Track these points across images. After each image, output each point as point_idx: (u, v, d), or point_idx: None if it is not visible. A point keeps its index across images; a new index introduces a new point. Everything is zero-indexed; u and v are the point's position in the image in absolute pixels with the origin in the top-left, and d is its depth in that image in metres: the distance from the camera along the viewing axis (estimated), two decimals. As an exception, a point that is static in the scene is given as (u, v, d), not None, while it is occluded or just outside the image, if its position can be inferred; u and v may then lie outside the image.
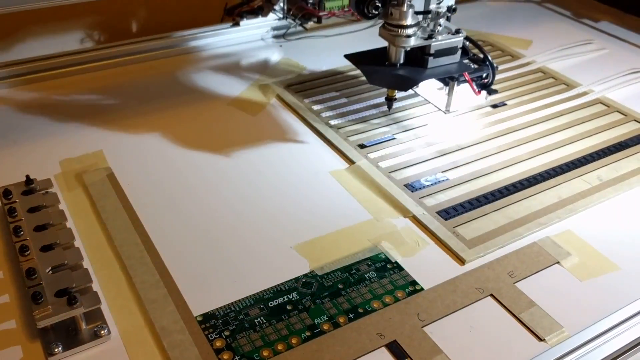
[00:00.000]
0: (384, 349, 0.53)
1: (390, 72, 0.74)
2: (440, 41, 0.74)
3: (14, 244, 0.57)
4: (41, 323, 0.49)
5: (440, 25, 0.74)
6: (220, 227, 0.65)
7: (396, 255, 0.62)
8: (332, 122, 0.83)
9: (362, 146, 0.78)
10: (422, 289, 0.58)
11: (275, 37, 1.06)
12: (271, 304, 0.56)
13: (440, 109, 0.81)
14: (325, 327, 0.54)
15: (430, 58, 0.74)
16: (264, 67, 0.97)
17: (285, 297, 0.57)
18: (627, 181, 0.73)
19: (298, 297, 0.57)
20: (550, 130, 0.83)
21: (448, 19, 0.77)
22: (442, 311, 0.56)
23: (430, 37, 0.74)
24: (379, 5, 0.71)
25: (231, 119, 0.83)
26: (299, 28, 1.08)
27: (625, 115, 0.87)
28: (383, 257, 0.61)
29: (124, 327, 0.54)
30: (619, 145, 0.80)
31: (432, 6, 0.75)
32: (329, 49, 1.03)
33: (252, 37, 1.05)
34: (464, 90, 0.80)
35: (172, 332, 0.53)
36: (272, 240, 0.63)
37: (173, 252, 0.61)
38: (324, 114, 0.84)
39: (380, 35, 0.74)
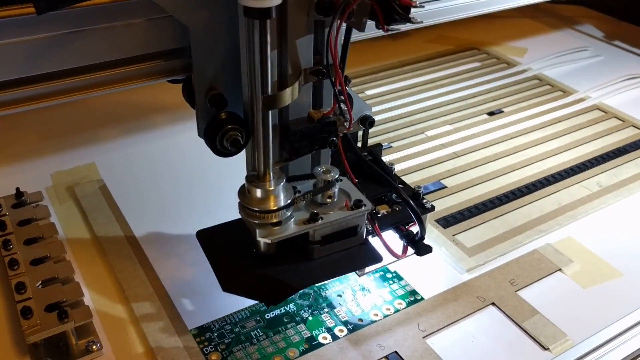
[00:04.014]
0: (384, 361, 0.51)
1: (256, 274, 0.49)
2: (333, 221, 0.48)
3: (2, 258, 0.55)
4: (30, 338, 0.48)
5: (333, 194, 0.49)
6: (215, 239, 0.63)
7: (396, 265, 0.60)
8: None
9: (358, 155, 0.77)
10: (422, 298, 0.57)
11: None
12: (268, 316, 0.55)
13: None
14: (324, 339, 0.53)
15: (318, 246, 0.50)
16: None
17: (282, 308, 0.55)
18: (627, 187, 0.72)
19: (295, 309, 0.55)
20: (548, 137, 0.82)
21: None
22: (443, 321, 0.55)
23: (314, 217, 0.48)
24: (240, 140, 0.47)
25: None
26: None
27: (623, 121, 0.86)
28: (382, 267, 0.60)
29: (117, 342, 0.52)
30: (618, 151, 0.79)
31: (319, 169, 0.49)
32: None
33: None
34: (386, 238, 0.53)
35: (166, 346, 0.51)
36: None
37: (167, 264, 0.60)
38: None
39: (240, 215, 0.48)
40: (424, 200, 0.55)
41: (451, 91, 0.93)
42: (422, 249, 0.52)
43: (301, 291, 0.57)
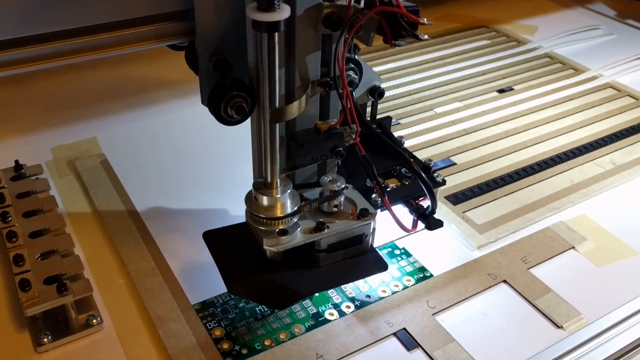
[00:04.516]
0: (392, 338, 0.50)
1: (262, 279, 0.49)
2: (339, 230, 0.48)
3: (0, 231, 0.54)
4: (29, 311, 0.46)
5: (339, 203, 0.48)
6: (219, 214, 0.62)
7: (404, 242, 0.59)
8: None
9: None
10: (431, 275, 0.55)
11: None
12: (273, 291, 0.53)
13: None
14: (330, 315, 0.51)
15: (324, 254, 0.49)
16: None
17: (287, 284, 0.54)
18: (642, 165, 0.71)
19: (301, 285, 0.54)
20: (560, 114, 0.80)
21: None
22: (454, 298, 0.53)
23: (320, 226, 0.47)
24: (245, 108, 0.44)
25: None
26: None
27: (637, 100, 0.84)
28: (390, 243, 0.58)
29: (117, 317, 0.51)
30: (632, 129, 0.77)
31: (325, 179, 0.48)
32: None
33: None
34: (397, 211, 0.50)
35: (168, 321, 0.50)
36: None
37: (169, 238, 0.58)
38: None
39: (247, 222, 0.48)
40: (435, 174, 0.53)
41: (460, 68, 0.91)
42: (433, 223, 0.50)
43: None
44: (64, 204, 0.62)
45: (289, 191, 0.46)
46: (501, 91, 0.86)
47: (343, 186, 0.48)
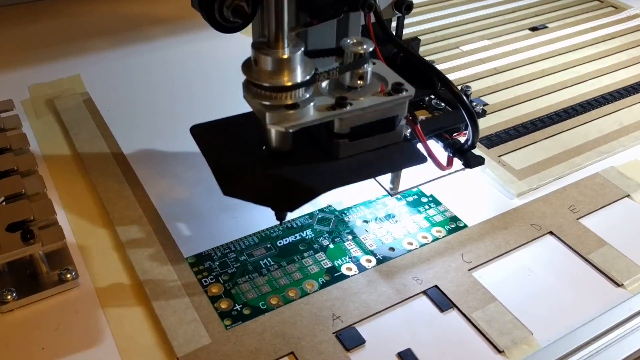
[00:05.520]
0: (422, 297, 0.42)
1: (266, 176, 0.39)
2: (365, 108, 0.37)
3: (-41, 171, 0.46)
4: (-13, 263, 0.39)
5: (365, 74, 0.38)
6: (217, 157, 0.54)
7: (431, 187, 0.50)
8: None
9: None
10: (465, 226, 0.47)
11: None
12: (280, 243, 0.45)
13: (384, 187, 0.46)
14: (348, 270, 0.43)
15: (345, 141, 0.39)
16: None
17: (297, 235, 0.46)
18: (700, 106, 0.62)
19: (313, 235, 0.46)
20: (601, 54, 0.72)
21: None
22: (493, 252, 0.45)
23: (341, 102, 0.37)
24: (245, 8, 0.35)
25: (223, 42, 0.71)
26: None
27: (685, 38, 0.75)
28: (414, 190, 0.50)
29: (97, 271, 0.43)
30: (685, 69, 0.69)
31: (348, 41, 0.38)
32: None
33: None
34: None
35: (157, 276, 0.42)
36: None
37: (159, 184, 0.50)
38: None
39: (245, 99, 0.38)
40: (473, 103, 0.45)
41: (486, 5, 0.82)
42: (473, 160, 0.41)
43: (320, 216, 0.47)
44: (39, 146, 0.54)
45: (299, 52, 0.35)
46: (534, 29, 0.77)
47: (371, 49, 0.37)
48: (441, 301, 0.41)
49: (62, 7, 0.77)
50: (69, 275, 0.41)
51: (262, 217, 0.47)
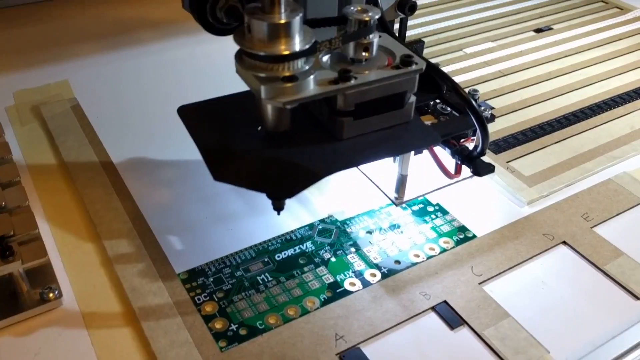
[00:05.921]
0: (431, 313, 0.39)
1: (261, 158, 0.35)
2: (371, 82, 0.34)
3: (-64, 183, 0.43)
4: (-38, 282, 0.36)
5: (371, 44, 0.35)
6: (211, 166, 0.51)
7: (437, 196, 0.48)
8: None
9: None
10: (474, 236, 0.45)
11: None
12: (278, 256, 0.42)
13: (388, 196, 0.44)
14: (351, 285, 0.41)
15: (349, 119, 0.36)
16: None
17: (296, 247, 0.43)
18: None
19: (314, 248, 0.43)
20: (608, 55, 0.69)
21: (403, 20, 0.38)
22: (504, 264, 0.43)
23: (344, 75, 0.34)
24: (239, 9, 0.34)
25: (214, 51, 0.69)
26: None
27: (694, 39, 0.73)
28: (420, 198, 0.48)
29: (82, 289, 0.40)
30: (695, 70, 0.66)
31: (352, 8, 0.35)
32: None
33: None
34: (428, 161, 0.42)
35: (147, 294, 0.39)
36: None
37: (150, 195, 0.48)
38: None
39: (238, 73, 0.34)
40: (481, 108, 0.42)
41: (490, 7, 0.80)
42: (482, 168, 0.39)
43: (320, 227, 0.45)
44: (23, 155, 0.51)
45: (298, 18, 0.32)
46: (538, 31, 0.75)
47: (377, 17, 0.34)
48: (451, 318, 0.39)
49: (49, 10, 0.75)
50: (51, 294, 0.38)
51: (259, 229, 0.45)
